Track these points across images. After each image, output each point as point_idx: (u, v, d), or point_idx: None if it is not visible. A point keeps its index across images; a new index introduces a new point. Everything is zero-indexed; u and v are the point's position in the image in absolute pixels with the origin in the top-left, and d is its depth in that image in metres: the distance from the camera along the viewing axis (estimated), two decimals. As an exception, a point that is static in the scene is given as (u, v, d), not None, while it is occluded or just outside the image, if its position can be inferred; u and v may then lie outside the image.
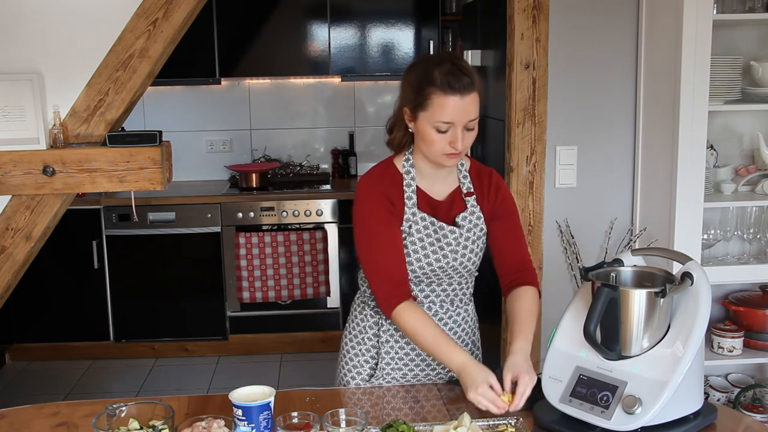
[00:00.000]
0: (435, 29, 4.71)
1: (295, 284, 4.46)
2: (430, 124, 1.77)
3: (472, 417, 1.62)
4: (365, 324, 1.99)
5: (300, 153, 5.08)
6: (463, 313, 2.00)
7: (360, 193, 1.89)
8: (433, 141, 1.78)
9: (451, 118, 1.75)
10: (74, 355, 4.52)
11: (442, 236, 1.88)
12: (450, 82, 1.73)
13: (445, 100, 1.74)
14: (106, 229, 4.40)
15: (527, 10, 2.86)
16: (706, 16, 2.59)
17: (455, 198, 1.93)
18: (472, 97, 1.76)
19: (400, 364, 1.96)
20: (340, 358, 2.06)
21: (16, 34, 2.21)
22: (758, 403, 2.93)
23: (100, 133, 2.27)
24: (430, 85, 1.75)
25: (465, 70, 1.77)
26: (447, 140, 1.78)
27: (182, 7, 2.22)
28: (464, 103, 1.75)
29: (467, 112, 1.76)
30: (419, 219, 1.87)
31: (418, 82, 1.78)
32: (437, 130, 1.77)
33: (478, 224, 1.92)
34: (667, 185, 2.77)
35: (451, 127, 1.76)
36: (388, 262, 1.83)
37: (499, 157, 3.20)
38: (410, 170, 1.89)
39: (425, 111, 1.77)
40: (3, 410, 1.76)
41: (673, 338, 1.56)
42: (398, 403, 1.79)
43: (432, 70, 1.76)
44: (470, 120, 1.78)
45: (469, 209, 1.92)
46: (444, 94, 1.74)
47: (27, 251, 2.29)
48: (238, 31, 4.59)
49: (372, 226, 1.84)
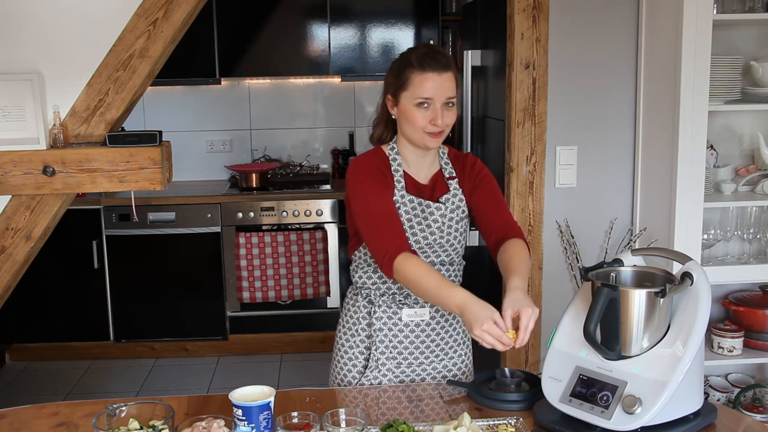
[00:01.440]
0: (435, 29, 4.71)
1: (295, 284, 4.46)
2: (411, 102, 1.87)
3: (472, 416, 1.62)
4: (358, 315, 2.01)
5: (300, 153, 5.08)
6: None
7: (353, 167, 1.97)
8: (415, 118, 1.87)
9: (430, 94, 1.86)
10: (74, 355, 4.52)
11: (429, 214, 1.94)
12: (426, 61, 1.86)
13: (423, 78, 1.86)
14: (106, 229, 4.40)
15: (527, 10, 2.86)
16: (706, 16, 2.59)
17: (437, 181, 2.00)
18: (449, 76, 1.88)
19: (395, 353, 1.97)
20: (334, 352, 2.08)
21: (16, 34, 2.21)
22: (758, 403, 2.93)
23: (100, 133, 2.27)
24: (408, 66, 1.88)
25: (440, 52, 1.91)
26: (428, 118, 1.87)
27: (182, 7, 2.22)
28: (441, 79, 1.86)
29: (444, 88, 1.87)
30: (407, 201, 1.94)
31: (398, 68, 1.91)
32: (419, 106, 1.86)
33: (460, 206, 1.99)
34: (667, 185, 2.77)
35: (431, 103, 1.86)
36: (384, 220, 1.87)
37: (499, 157, 3.20)
38: (396, 157, 1.98)
39: (406, 91, 1.88)
40: (3, 410, 1.76)
41: (673, 338, 1.56)
42: (398, 404, 1.79)
43: (409, 55, 1.90)
44: (448, 97, 1.88)
45: (451, 191, 1.99)
46: (422, 71, 1.86)
47: (27, 251, 2.29)
48: (238, 31, 4.59)
49: (366, 187, 1.91)
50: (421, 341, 1.98)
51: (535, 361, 3.10)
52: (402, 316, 1.97)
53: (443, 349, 2.01)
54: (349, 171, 1.97)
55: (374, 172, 1.93)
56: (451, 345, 2.03)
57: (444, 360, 2.02)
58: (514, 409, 1.72)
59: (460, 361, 2.05)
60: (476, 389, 1.80)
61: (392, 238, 1.83)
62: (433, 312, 1.99)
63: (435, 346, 2.00)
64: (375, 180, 1.91)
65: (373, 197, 1.89)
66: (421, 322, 1.97)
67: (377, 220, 1.87)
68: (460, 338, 2.05)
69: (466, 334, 2.08)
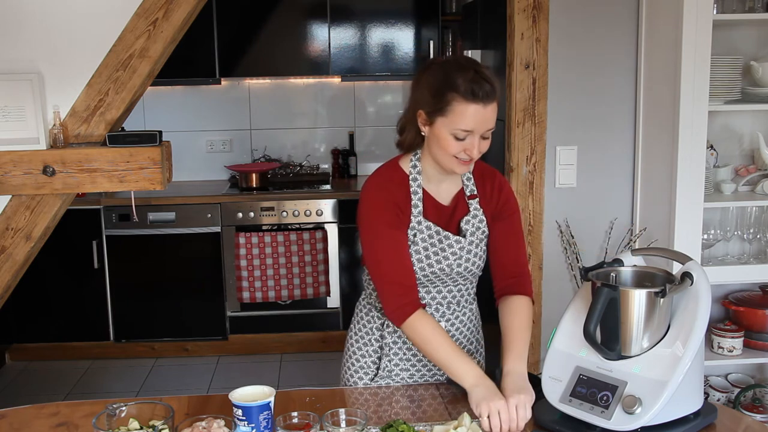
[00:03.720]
0: (435, 29, 4.71)
1: (295, 284, 4.46)
2: (449, 130, 1.74)
3: (472, 416, 1.62)
4: (372, 326, 1.98)
5: (300, 153, 5.08)
6: (468, 313, 2.01)
7: (366, 196, 1.86)
8: (449, 147, 1.75)
9: (471, 127, 1.72)
10: (74, 355, 4.52)
11: (447, 245, 1.86)
12: (474, 89, 1.70)
13: (467, 108, 1.71)
14: (106, 229, 4.40)
15: (527, 10, 2.86)
16: (706, 16, 2.59)
17: (459, 201, 1.91)
18: (493, 107, 1.74)
19: (408, 365, 1.96)
20: (345, 359, 2.05)
21: (16, 34, 2.21)
22: (758, 403, 2.93)
23: (100, 133, 2.26)
24: (452, 91, 1.71)
25: (488, 78, 1.73)
26: (462, 147, 1.75)
27: (182, 7, 2.22)
28: (485, 111, 1.72)
29: (487, 121, 1.73)
30: (424, 228, 1.85)
31: (439, 86, 1.74)
32: (455, 137, 1.74)
33: (480, 227, 1.91)
34: (667, 185, 2.77)
35: (469, 135, 1.74)
36: (396, 268, 1.81)
37: (499, 157, 3.20)
38: (417, 177, 1.87)
39: (444, 117, 1.73)
40: (3, 410, 1.76)
41: (673, 338, 1.56)
42: (398, 403, 1.79)
43: (454, 76, 1.72)
44: (488, 129, 1.75)
45: (471, 212, 1.90)
46: (466, 101, 1.70)
47: (27, 251, 2.29)
48: (238, 31, 4.59)
49: (378, 230, 1.82)
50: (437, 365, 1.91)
51: (535, 361, 3.10)
52: None
53: None
54: (363, 196, 1.86)
55: (389, 206, 1.82)
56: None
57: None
58: (514, 409, 1.72)
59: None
60: (476, 389, 1.80)
61: (404, 293, 1.79)
62: (448, 326, 1.95)
63: None
64: (389, 215, 1.81)
65: (385, 243, 1.81)
66: None
67: (389, 270, 1.80)
68: (473, 347, 2.04)
69: (480, 343, 2.07)
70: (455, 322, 1.98)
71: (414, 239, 1.85)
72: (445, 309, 1.95)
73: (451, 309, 1.96)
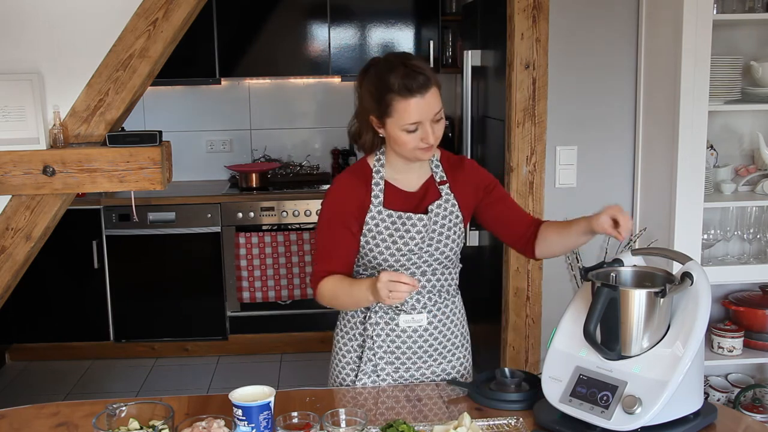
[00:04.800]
0: (435, 29, 4.71)
1: (295, 284, 4.47)
2: (399, 128, 1.81)
3: (472, 416, 1.62)
4: (355, 320, 2.00)
5: (300, 153, 5.08)
6: (451, 305, 2.02)
7: (329, 191, 1.95)
8: (406, 143, 1.83)
9: (416, 119, 1.79)
10: (74, 355, 4.52)
11: (411, 226, 1.91)
12: (407, 85, 1.77)
13: (407, 104, 1.78)
14: (106, 229, 4.40)
15: (527, 10, 2.86)
16: (706, 16, 2.59)
17: (429, 187, 1.97)
18: (432, 93, 1.80)
19: (392, 358, 1.96)
20: (332, 356, 2.07)
21: (16, 34, 2.21)
22: (758, 403, 2.93)
23: (100, 133, 2.26)
24: (389, 92, 1.79)
25: (419, 68, 1.80)
26: (418, 137, 1.82)
27: (182, 7, 2.22)
28: (425, 101, 1.79)
29: (430, 108, 1.80)
30: (386, 216, 1.91)
31: (377, 91, 1.82)
32: (407, 131, 1.81)
33: (453, 211, 1.96)
34: (667, 185, 2.77)
35: (419, 125, 1.80)
36: (330, 254, 1.90)
37: (499, 157, 3.20)
38: (380, 170, 1.94)
39: (391, 117, 1.81)
40: (3, 410, 1.76)
41: (673, 338, 1.56)
42: (398, 403, 1.79)
43: (387, 77, 1.79)
44: (435, 113, 1.82)
45: (443, 197, 1.96)
46: (404, 98, 1.78)
47: (27, 251, 2.29)
48: (238, 31, 4.59)
49: (330, 221, 1.91)
50: (419, 346, 1.97)
51: (535, 361, 3.10)
52: (399, 323, 1.95)
53: (441, 353, 2.00)
54: (328, 190, 1.96)
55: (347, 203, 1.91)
56: (449, 349, 2.01)
57: (443, 364, 2.01)
58: (514, 409, 1.73)
59: (459, 364, 2.04)
60: (476, 389, 1.80)
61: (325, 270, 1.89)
62: (431, 317, 1.97)
63: (433, 350, 1.99)
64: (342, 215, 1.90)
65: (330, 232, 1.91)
66: (419, 327, 1.96)
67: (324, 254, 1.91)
68: (458, 341, 2.04)
69: (465, 337, 2.08)
70: (438, 314, 1.98)
71: (377, 228, 1.90)
72: (426, 300, 1.96)
73: (433, 300, 1.97)
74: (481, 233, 3.71)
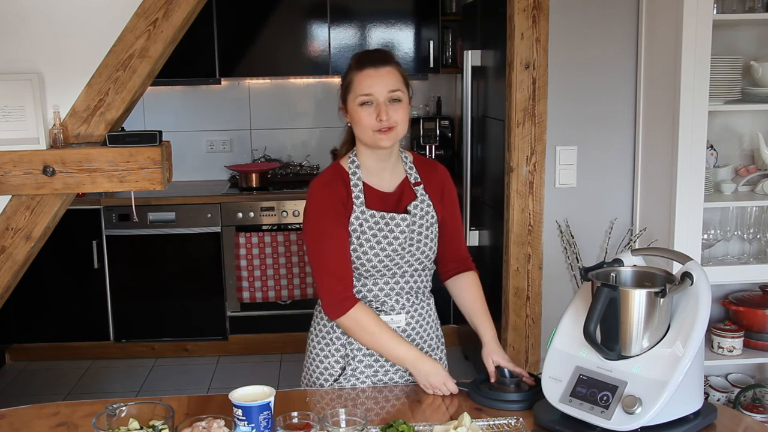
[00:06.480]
0: (435, 29, 4.71)
1: (295, 284, 4.46)
2: (356, 103, 1.87)
3: (472, 416, 1.62)
4: (333, 324, 1.99)
5: (300, 153, 5.08)
6: (427, 307, 2.03)
7: (311, 195, 1.95)
8: (361, 118, 1.86)
9: (369, 89, 1.85)
10: (74, 355, 4.52)
11: (394, 226, 1.92)
12: (361, 58, 1.89)
13: (361, 75, 1.86)
14: (106, 229, 4.40)
15: (527, 10, 2.87)
16: (706, 16, 2.59)
17: (405, 189, 1.98)
18: (388, 70, 1.86)
19: (371, 360, 1.96)
20: (306, 360, 2.06)
21: (16, 34, 2.21)
22: (758, 403, 2.93)
23: (100, 133, 2.26)
24: (349, 70, 1.90)
25: (379, 50, 1.93)
26: (374, 115, 1.85)
27: (182, 7, 2.22)
28: (379, 74, 1.85)
29: (385, 83, 1.85)
30: (369, 216, 1.91)
31: (343, 79, 1.93)
32: (361, 104, 1.85)
33: (429, 211, 1.97)
34: (667, 185, 2.77)
35: (373, 100, 1.85)
36: (338, 264, 1.89)
37: (499, 157, 3.20)
38: (356, 171, 1.95)
39: (350, 93, 1.89)
40: (3, 410, 1.76)
41: (673, 338, 1.56)
42: (398, 403, 1.79)
43: (351, 62, 1.92)
44: (390, 90, 1.85)
45: (419, 197, 1.97)
46: (359, 70, 1.87)
47: (27, 251, 2.29)
48: (238, 31, 4.59)
49: (324, 226, 1.90)
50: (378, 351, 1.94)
51: (535, 361, 3.10)
52: None
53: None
54: (309, 195, 1.95)
55: (333, 204, 1.90)
56: (426, 351, 2.00)
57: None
58: (514, 409, 1.73)
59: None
60: (476, 389, 1.80)
61: (345, 288, 1.89)
62: (409, 318, 1.97)
63: None
64: (332, 217, 1.89)
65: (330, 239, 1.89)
66: (397, 328, 1.95)
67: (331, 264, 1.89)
68: (434, 343, 2.04)
69: (440, 340, 2.08)
70: (414, 315, 1.98)
71: (362, 228, 1.90)
72: (404, 301, 1.96)
73: (411, 301, 1.97)
74: (481, 233, 3.71)
